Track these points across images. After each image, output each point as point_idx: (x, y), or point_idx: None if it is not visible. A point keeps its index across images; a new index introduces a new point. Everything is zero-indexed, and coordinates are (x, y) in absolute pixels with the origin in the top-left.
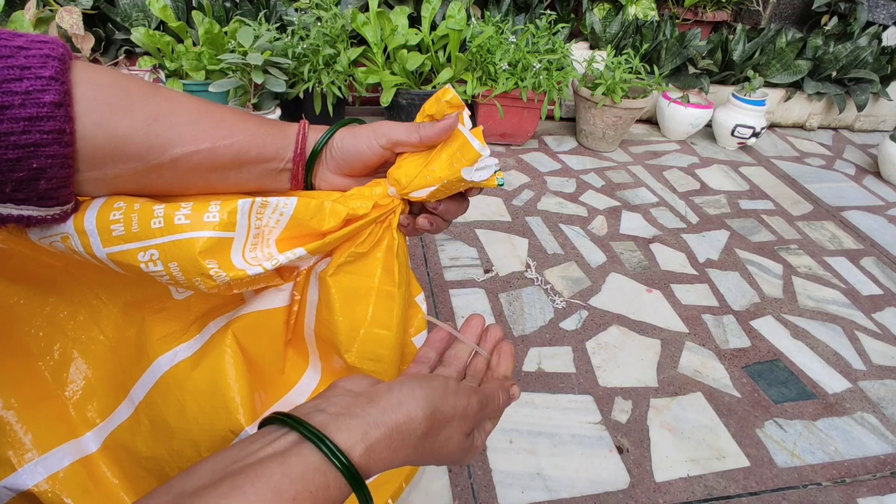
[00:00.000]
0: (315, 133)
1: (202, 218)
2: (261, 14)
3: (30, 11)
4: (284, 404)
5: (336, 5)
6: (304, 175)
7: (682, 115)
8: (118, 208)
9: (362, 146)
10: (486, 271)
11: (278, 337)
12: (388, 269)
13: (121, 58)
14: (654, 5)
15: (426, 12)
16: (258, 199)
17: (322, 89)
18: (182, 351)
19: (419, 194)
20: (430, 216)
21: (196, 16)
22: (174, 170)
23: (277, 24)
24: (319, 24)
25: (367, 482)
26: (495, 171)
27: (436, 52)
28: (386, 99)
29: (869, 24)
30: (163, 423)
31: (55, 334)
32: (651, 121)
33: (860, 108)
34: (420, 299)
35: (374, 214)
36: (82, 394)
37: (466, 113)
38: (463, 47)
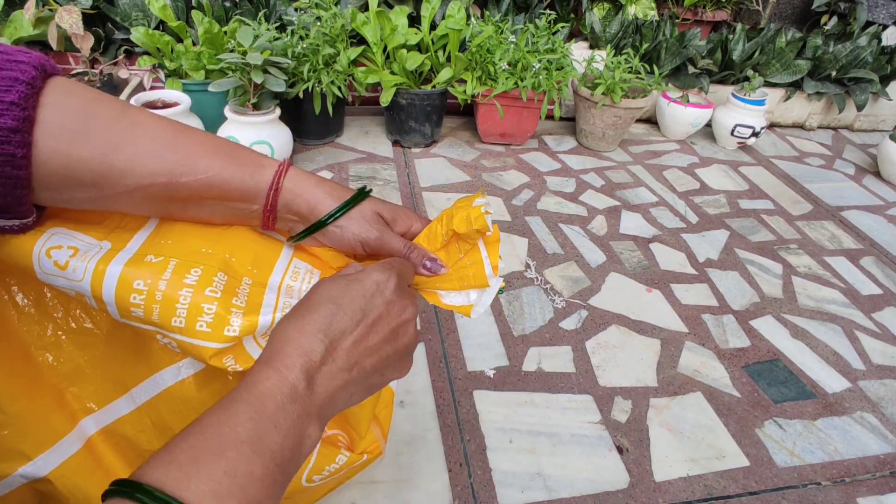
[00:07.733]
0: (298, 181)
1: (223, 331)
2: (260, 14)
3: (29, 11)
4: None
5: (336, 5)
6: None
7: (681, 114)
8: (139, 290)
9: (349, 241)
10: None
11: None
12: None
13: (120, 57)
14: (653, 5)
15: (426, 12)
16: (278, 319)
17: (322, 89)
18: (185, 368)
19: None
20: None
21: (196, 15)
22: (130, 197)
23: (277, 24)
24: (319, 23)
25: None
26: (498, 289)
27: (435, 51)
28: (385, 98)
29: (869, 23)
30: (166, 426)
31: (46, 320)
32: (651, 120)
33: (860, 107)
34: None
35: None
36: (76, 380)
37: (490, 231)
38: (463, 47)
